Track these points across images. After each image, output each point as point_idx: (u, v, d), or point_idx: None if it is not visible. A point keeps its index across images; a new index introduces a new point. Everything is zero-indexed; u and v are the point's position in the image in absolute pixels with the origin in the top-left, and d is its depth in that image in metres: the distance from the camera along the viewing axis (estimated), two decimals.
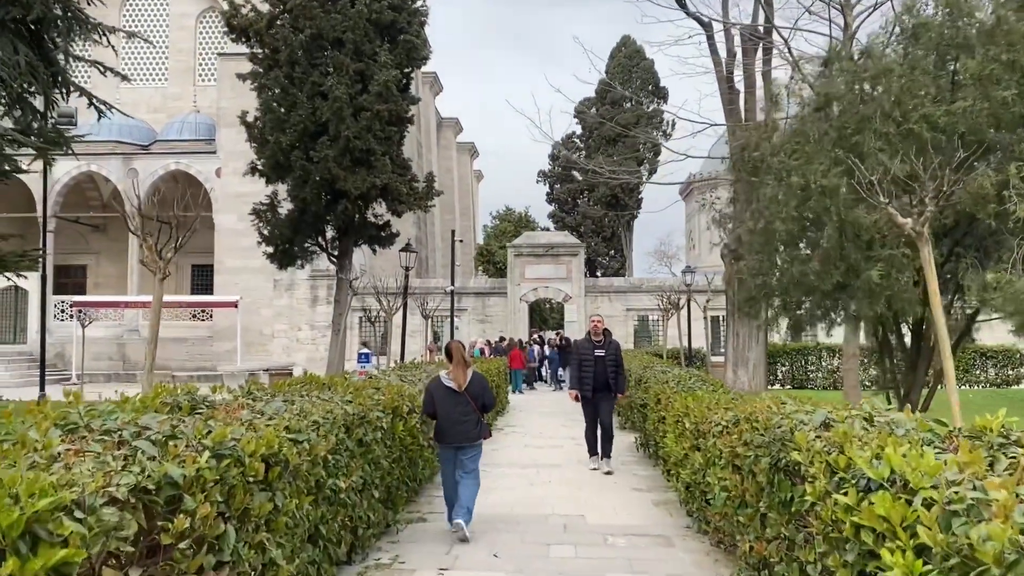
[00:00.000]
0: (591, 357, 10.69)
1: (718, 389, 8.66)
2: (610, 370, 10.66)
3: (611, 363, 10.70)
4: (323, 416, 5.18)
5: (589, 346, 10.82)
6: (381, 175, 18.21)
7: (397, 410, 7.04)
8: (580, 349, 11.04)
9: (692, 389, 9.02)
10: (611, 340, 11.00)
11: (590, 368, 10.65)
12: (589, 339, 10.91)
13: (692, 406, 7.29)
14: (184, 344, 34.51)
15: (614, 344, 10.97)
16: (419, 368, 11.30)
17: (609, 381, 10.69)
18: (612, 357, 10.75)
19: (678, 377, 10.55)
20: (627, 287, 34.46)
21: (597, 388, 10.67)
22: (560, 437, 14.45)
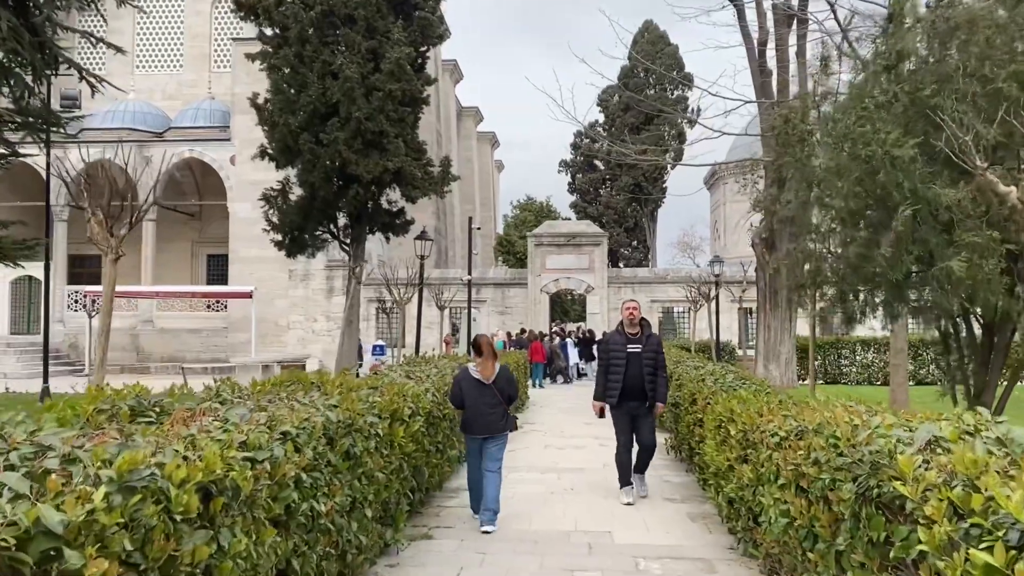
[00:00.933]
0: (622, 355, 8.23)
1: (764, 389, 7.65)
2: (647, 372, 8.20)
3: (649, 363, 8.23)
4: (298, 425, 4.25)
5: (621, 341, 8.32)
6: (394, 159, 17.29)
7: (397, 414, 6.11)
8: (610, 345, 8.43)
9: (732, 388, 8.02)
10: (650, 333, 8.46)
11: (620, 369, 8.20)
12: (622, 331, 8.39)
13: (738, 410, 6.30)
14: (199, 335, 33.91)
15: (654, 339, 8.42)
16: (429, 363, 10.37)
17: (645, 386, 8.20)
18: (651, 355, 8.29)
19: (715, 374, 9.54)
20: (652, 278, 33.35)
21: (630, 396, 8.24)
22: (583, 436, 13.48)
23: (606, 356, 8.45)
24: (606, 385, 8.43)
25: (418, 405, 6.77)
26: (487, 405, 7.36)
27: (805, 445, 4.38)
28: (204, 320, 34.34)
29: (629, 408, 8.35)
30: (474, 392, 7.38)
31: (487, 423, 7.35)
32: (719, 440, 6.91)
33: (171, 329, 33.96)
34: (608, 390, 8.37)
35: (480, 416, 7.35)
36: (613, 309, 32.40)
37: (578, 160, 59.57)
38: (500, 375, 7.53)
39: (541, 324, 31.42)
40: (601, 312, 32.07)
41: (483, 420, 7.35)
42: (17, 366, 30.52)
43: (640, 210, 55.13)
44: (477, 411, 7.35)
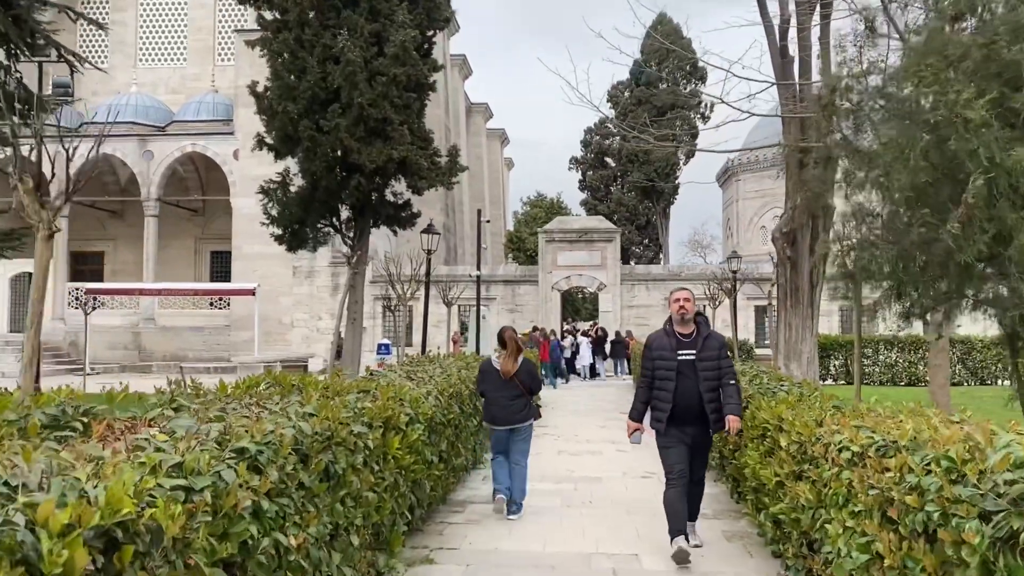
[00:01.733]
0: (672, 363, 6.05)
1: (810, 392, 6.75)
2: (706, 387, 6.03)
3: (709, 374, 6.05)
4: (259, 440, 3.38)
5: (669, 345, 6.13)
6: (399, 147, 16.41)
7: (391, 421, 5.24)
8: (653, 352, 6.23)
9: (771, 391, 7.13)
10: (708, 333, 6.24)
11: (669, 384, 6.04)
12: (670, 331, 6.24)
13: (789, 418, 5.41)
14: (201, 333, 33.16)
15: (714, 340, 6.21)
16: (434, 363, 9.50)
17: (705, 406, 6.04)
18: (710, 363, 6.09)
19: (747, 374, 8.64)
20: (666, 275, 32.40)
21: (684, 419, 6.08)
22: (598, 441, 12.60)
23: (649, 365, 6.24)
24: (649, 404, 6.25)
25: (418, 411, 5.90)
26: (509, 397, 7.52)
27: (896, 465, 3.49)
28: (206, 318, 33.59)
29: (682, 435, 6.14)
30: (496, 383, 7.56)
31: (508, 414, 7.50)
32: (763, 451, 6.02)
33: (173, 327, 33.23)
34: (654, 412, 6.18)
35: (502, 408, 7.51)
36: (626, 307, 31.51)
37: (589, 157, 58.61)
38: (522, 369, 7.63)
39: (552, 322, 30.55)
40: (613, 310, 31.16)
41: (505, 411, 7.50)
42: (16, 365, 29.77)
43: (652, 207, 54.16)
44: (499, 402, 7.53)
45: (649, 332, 26.11)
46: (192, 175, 37.25)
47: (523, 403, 7.59)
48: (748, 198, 61.70)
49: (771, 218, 59.27)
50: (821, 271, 20.69)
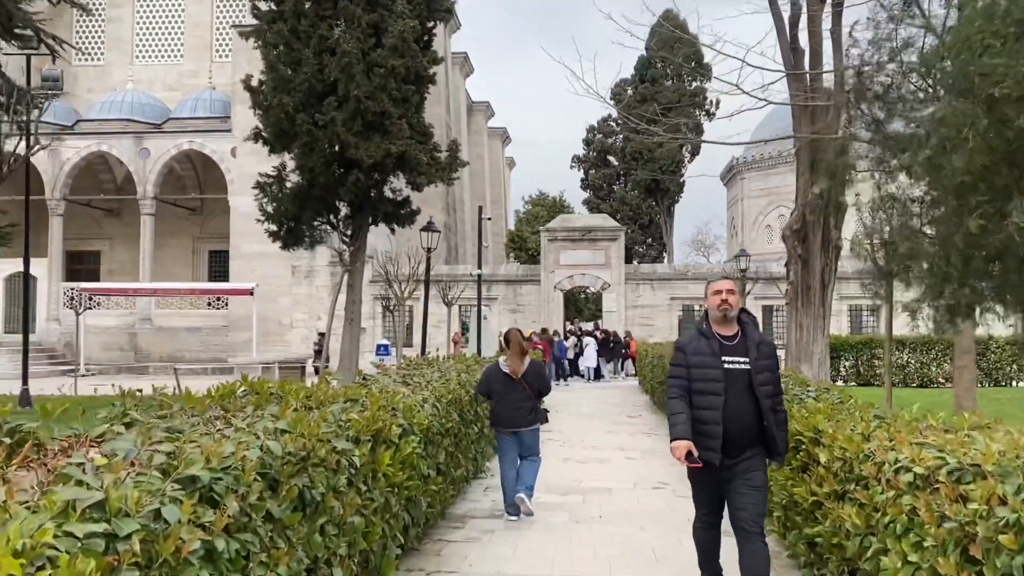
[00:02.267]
0: (717, 372, 4.57)
1: (846, 400, 6.17)
2: (768, 404, 4.59)
3: (769, 389, 4.63)
4: (216, 465, 2.81)
5: (711, 350, 4.65)
6: (397, 141, 15.83)
7: (382, 435, 4.66)
8: (690, 357, 4.71)
9: (799, 398, 6.54)
10: (761, 340, 4.72)
11: (717, 398, 4.54)
12: (708, 331, 4.73)
13: (829, 430, 4.83)
14: (198, 334, 32.60)
15: (767, 346, 4.73)
16: (432, 366, 8.92)
17: (764, 423, 4.58)
18: (770, 375, 4.69)
19: None
20: (672, 274, 31.82)
21: (738, 443, 4.57)
22: (606, 447, 12.00)
23: (682, 374, 4.66)
24: (700, 425, 4.54)
25: (412, 421, 5.31)
26: (516, 400, 7.48)
27: (982, 496, 2.91)
28: (204, 319, 33.04)
29: (731, 466, 4.58)
30: (503, 387, 7.51)
31: (515, 417, 7.47)
32: (797, 466, 5.43)
33: (170, 328, 32.68)
34: (698, 437, 4.52)
35: (509, 411, 7.48)
36: (630, 307, 30.93)
37: (591, 155, 58.06)
38: (529, 370, 7.59)
39: (555, 323, 29.96)
40: (618, 310, 30.56)
41: (512, 415, 7.47)
42: (8, 366, 29.25)
43: (656, 206, 53.58)
44: (506, 405, 7.49)
45: (653, 333, 25.45)
46: (189, 173, 36.72)
47: (531, 406, 7.56)
48: (753, 196, 61.08)
49: (776, 217, 58.67)
50: (833, 269, 20.09)
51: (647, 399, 20.13)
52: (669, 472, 9.80)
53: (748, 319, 4.79)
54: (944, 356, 24.30)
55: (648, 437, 13.15)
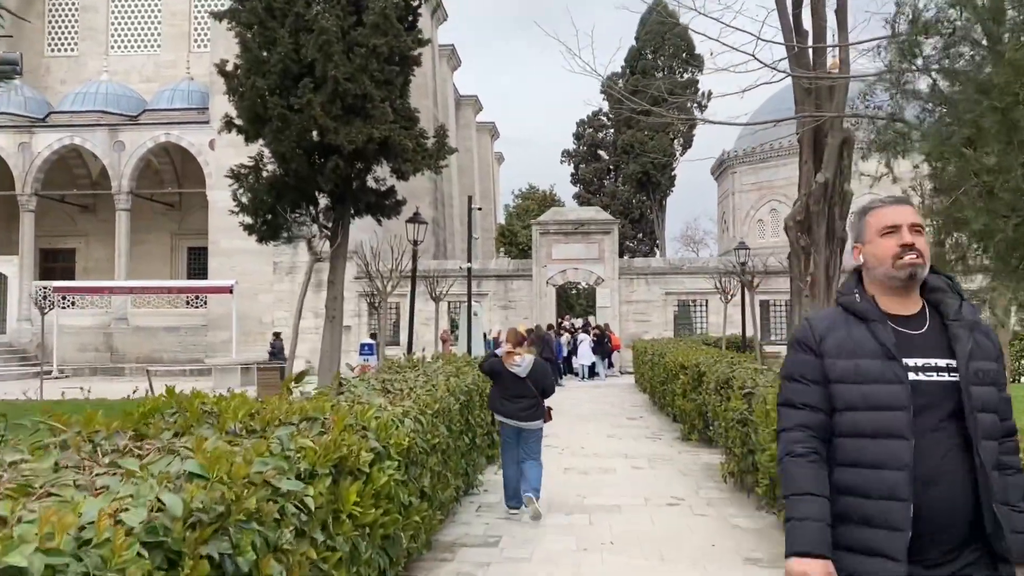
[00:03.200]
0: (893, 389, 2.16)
1: None
2: (989, 454, 2.13)
3: (988, 415, 2.16)
4: (61, 549, 1.77)
5: (878, 342, 2.21)
6: (380, 126, 14.75)
7: (346, 464, 3.62)
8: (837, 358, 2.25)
9: None
10: (971, 314, 2.25)
11: (900, 442, 2.12)
12: (870, 308, 2.28)
13: None
14: (176, 334, 31.38)
15: (984, 336, 2.26)
16: (417, 368, 7.89)
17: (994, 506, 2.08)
18: (985, 385, 2.17)
19: None
20: (666, 268, 30.82)
21: (942, 537, 2.11)
22: (609, 454, 11.00)
23: (813, 405, 2.27)
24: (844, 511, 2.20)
25: (389, 442, 4.27)
26: (517, 394, 7.44)
27: None
28: (182, 318, 31.82)
29: None
30: (507, 382, 7.50)
31: (515, 410, 7.43)
32: None
33: (147, 327, 31.44)
34: (863, 532, 2.16)
35: (509, 401, 7.47)
36: (624, 302, 29.95)
37: (581, 150, 57.02)
38: (535, 368, 7.51)
39: (547, 318, 28.94)
40: (612, 305, 29.57)
41: (512, 406, 7.45)
42: None
43: (647, 200, 52.59)
44: (507, 394, 7.48)
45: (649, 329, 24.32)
46: (167, 167, 35.47)
47: (533, 403, 7.47)
48: (745, 191, 60.29)
49: (768, 211, 57.87)
50: (838, 262, 19.15)
51: (645, 398, 19.16)
52: (681, 483, 8.81)
53: (944, 283, 2.34)
54: None
55: (653, 442, 12.15)
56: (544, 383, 7.59)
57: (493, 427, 9.89)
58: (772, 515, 7.06)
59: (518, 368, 7.43)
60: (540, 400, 7.53)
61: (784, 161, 56.78)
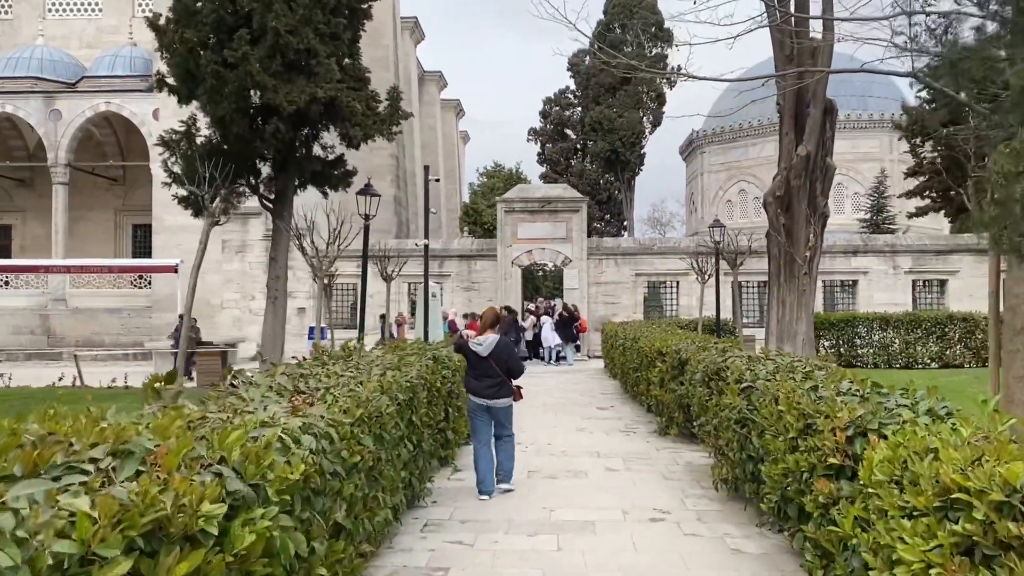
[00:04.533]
0: None
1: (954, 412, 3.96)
2: None
3: None
4: None
5: None
6: (325, 85, 13.25)
7: (173, 526, 2.23)
8: None
9: (889, 411, 4.32)
10: None
11: None
12: None
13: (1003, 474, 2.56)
14: (119, 315, 29.51)
15: None
16: (349, 360, 6.50)
17: None
18: None
19: (817, 379, 5.80)
20: (637, 248, 29.60)
21: None
22: (579, 453, 9.71)
23: None
24: None
25: (264, 479, 2.89)
26: (484, 371, 7.61)
27: None
28: (125, 298, 29.95)
29: None
30: (473, 361, 7.70)
31: (484, 388, 7.63)
32: (905, 513, 3.16)
33: (87, 309, 29.51)
34: None
35: (477, 379, 7.67)
36: (593, 283, 28.72)
37: (548, 128, 55.51)
38: (497, 346, 7.63)
39: (512, 300, 27.61)
40: (580, 287, 28.32)
41: (480, 383, 7.66)
42: None
43: (615, 181, 51.35)
44: (476, 374, 7.68)
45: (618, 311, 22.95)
46: (110, 139, 33.38)
47: (499, 382, 7.59)
48: (713, 171, 59.53)
49: (737, 192, 57.12)
50: (819, 240, 18.02)
51: (616, 385, 17.96)
52: (664, 491, 7.57)
53: None
54: (931, 335, 22.60)
55: (627, 437, 10.91)
56: (509, 363, 7.65)
57: (447, 423, 8.56)
58: (778, 534, 5.84)
59: (479, 348, 7.57)
60: (506, 379, 7.62)
61: (754, 141, 56.02)
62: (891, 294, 28.14)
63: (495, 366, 7.53)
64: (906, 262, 28.66)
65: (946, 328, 22.53)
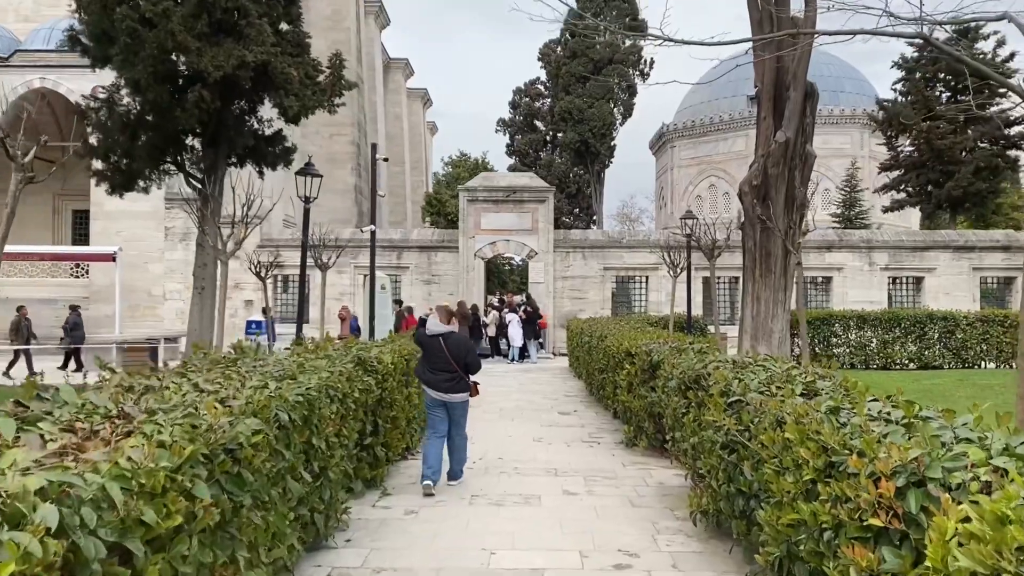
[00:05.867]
0: None
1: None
2: None
3: None
4: None
5: None
6: (256, 48, 11.74)
7: None
8: None
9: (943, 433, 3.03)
10: None
11: None
12: None
13: None
14: (53, 307, 27.53)
15: None
16: (238, 363, 5.08)
17: None
18: None
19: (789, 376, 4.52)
20: (605, 241, 28.32)
21: None
22: (534, 470, 8.35)
23: None
24: None
25: None
26: (440, 363, 7.56)
27: None
28: (60, 289, 28.01)
29: None
30: (431, 346, 7.65)
31: (438, 381, 7.55)
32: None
33: (19, 299, 27.52)
34: None
35: (433, 371, 7.59)
36: (559, 278, 27.42)
37: (517, 119, 54.09)
38: (451, 338, 7.63)
39: (475, 294, 26.25)
40: (546, 281, 27.00)
41: (436, 376, 7.57)
42: None
43: (585, 174, 50.08)
44: (431, 364, 7.61)
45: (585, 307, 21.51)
46: (48, 119, 31.27)
47: (454, 377, 7.52)
48: (684, 166, 58.64)
49: (707, 187, 56.23)
50: (797, 233, 16.89)
51: (581, 386, 16.69)
52: (632, 522, 6.24)
53: None
54: (909, 335, 21.61)
55: (590, 449, 9.58)
56: (464, 358, 7.60)
57: (376, 438, 7.18)
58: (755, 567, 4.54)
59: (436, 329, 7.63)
60: (463, 375, 7.58)
61: (725, 135, 55.16)
62: (867, 291, 27.23)
63: (452, 361, 7.47)
64: (882, 258, 27.76)
65: (925, 327, 21.55)
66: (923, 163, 30.77)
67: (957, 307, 23.28)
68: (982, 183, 30.06)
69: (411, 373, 9.02)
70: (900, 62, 32.22)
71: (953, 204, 30.83)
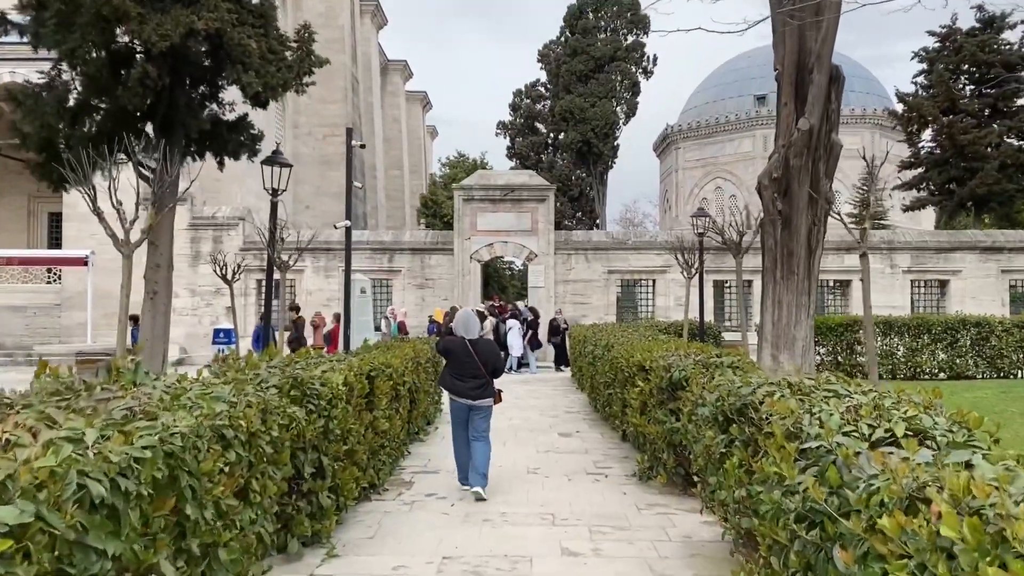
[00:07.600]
0: None
1: None
2: None
3: None
4: None
5: None
6: (208, 15, 10.15)
7: None
8: None
9: None
10: None
11: None
12: None
13: None
14: (23, 314, 26.00)
15: None
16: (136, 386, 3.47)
17: None
18: None
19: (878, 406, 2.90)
20: (609, 243, 26.68)
21: None
22: (528, 515, 6.69)
23: None
24: None
25: None
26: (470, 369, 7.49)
27: None
28: (31, 295, 26.45)
29: None
30: (460, 352, 7.58)
31: (464, 388, 7.49)
32: None
33: None
34: None
35: (459, 377, 7.52)
36: (560, 281, 25.81)
37: (517, 122, 52.51)
38: (481, 343, 7.68)
39: (471, 299, 24.61)
40: (546, 286, 25.37)
41: (461, 383, 7.51)
42: None
43: (587, 176, 48.46)
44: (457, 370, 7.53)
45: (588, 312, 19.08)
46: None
47: (483, 383, 7.50)
48: (689, 168, 57.05)
49: (713, 189, 54.60)
50: (822, 230, 15.21)
51: (584, 399, 15.07)
52: None
53: None
54: (939, 342, 19.93)
55: (596, 484, 7.93)
56: (494, 362, 7.61)
57: (320, 482, 5.55)
58: None
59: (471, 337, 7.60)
60: (490, 380, 7.55)
61: (731, 136, 53.54)
62: (888, 295, 25.59)
63: (481, 366, 7.45)
64: (904, 260, 26.12)
65: (957, 334, 19.87)
66: (945, 160, 29.10)
67: (984, 312, 21.65)
68: (1008, 181, 28.40)
69: (377, 392, 7.43)
70: (921, 54, 30.60)
71: (977, 203, 29.17)
